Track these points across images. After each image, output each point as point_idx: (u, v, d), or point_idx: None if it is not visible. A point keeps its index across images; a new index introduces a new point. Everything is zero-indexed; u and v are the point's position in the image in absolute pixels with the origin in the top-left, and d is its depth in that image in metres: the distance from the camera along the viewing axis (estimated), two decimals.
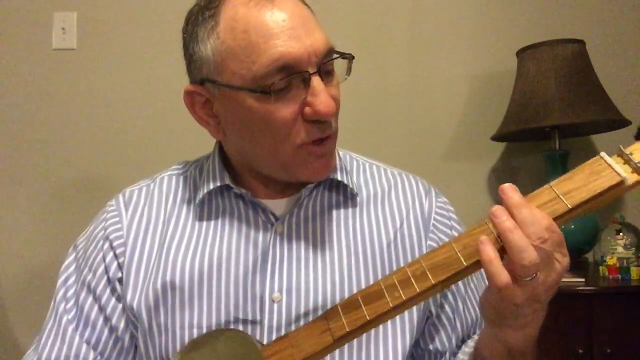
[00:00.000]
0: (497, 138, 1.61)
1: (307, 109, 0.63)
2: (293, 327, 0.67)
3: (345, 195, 0.76)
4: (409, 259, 0.73)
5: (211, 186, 0.72)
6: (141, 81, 1.72)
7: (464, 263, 0.54)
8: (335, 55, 0.67)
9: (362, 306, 0.56)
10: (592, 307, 1.28)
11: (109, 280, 0.71)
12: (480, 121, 1.72)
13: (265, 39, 0.61)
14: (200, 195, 0.73)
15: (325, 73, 0.65)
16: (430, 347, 0.76)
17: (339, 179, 0.74)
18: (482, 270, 0.54)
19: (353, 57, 0.68)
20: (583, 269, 1.47)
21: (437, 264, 0.55)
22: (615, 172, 0.53)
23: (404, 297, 0.55)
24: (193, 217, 0.73)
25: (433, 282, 0.54)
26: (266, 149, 0.67)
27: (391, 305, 0.55)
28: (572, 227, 1.40)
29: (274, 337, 0.66)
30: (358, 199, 0.76)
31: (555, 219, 0.54)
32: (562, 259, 0.54)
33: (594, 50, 1.53)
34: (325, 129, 0.66)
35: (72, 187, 1.71)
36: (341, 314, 0.57)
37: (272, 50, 0.61)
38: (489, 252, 0.52)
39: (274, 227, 0.71)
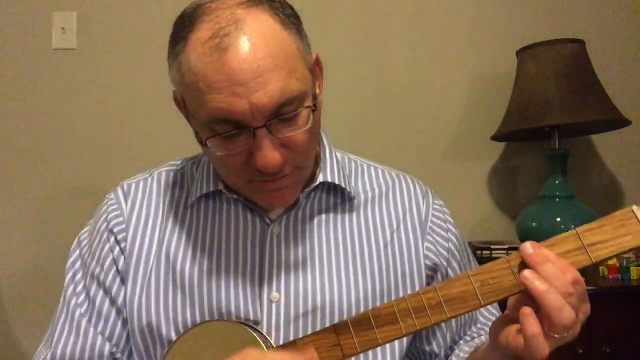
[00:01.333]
0: (497, 138, 1.61)
1: (252, 159, 0.61)
2: (292, 327, 0.67)
3: (342, 198, 0.76)
4: (406, 262, 0.73)
5: (204, 190, 0.73)
6: (141, 81, 1.72)
7: (482, 302, 0.55)
8: (296, 108, 0.61)
9: (375, 329, 0.57)
10: (592, 307, 1.28)
11: (118, 271, 0.72)
12: (480, 121, 1.72)
13: (209, 90, 0.58)
14: (194, 197, 0.73)
15: (284, 120, 0.61)
16: (427, 348, 0.76)
17: (337, 182, 0.74)
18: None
19: (315, 110, 0.63)
20: (583, 269, 1.47)
21: (454, 297, 0.55)
22: None
23: (417, 327, 0.56)
24: (191, 217, 0.74)
25: (448, 316, 0.55)
26: (224, 175, 0.69)
27: (404, 332, 0.56)
28: (572, 227, 1.39)
29: (273, 337, 0.67)
30: (356, 201, 0.76)
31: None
32: (586, 310, 0.55)
33: (594, 50, 1.53)
34: (275, 175, 0.63)
35: (71, 187, 1.71)
36: (352, 332, 0.57)
37: (213, 104, 0.58)
38: (534, 327, 0.51)
39: (271, 228, 0.71)
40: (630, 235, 0.53)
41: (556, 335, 0.52)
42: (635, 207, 0.54)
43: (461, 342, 0.78)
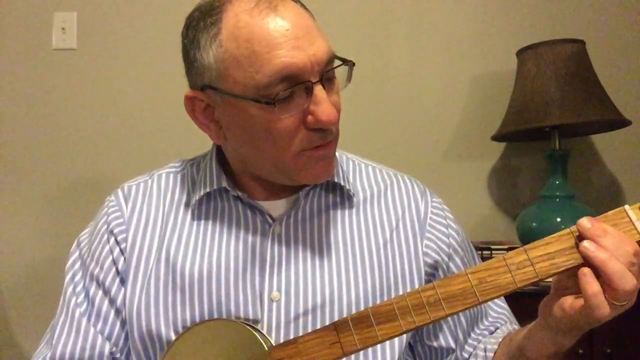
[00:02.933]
0: (497, 138, 1.62)
1: (310, 118, 0.63)
2: (292, 326, 0.68)
3: (342, 196, 0.76)
4: (405, 260, 0.74)
5: (208, 189, 0.73)
6: (141, 81, 1.72)
7: (479, 299, 0.56)
8: (337, 63, 0.66)
9: (374, 325, 0.58)
10: None
11: (117, 272, 0.72)
12: (480, 121, 1.72)
13: (268, 48, 0.60)
14: (197, 196, 0.73)
15: (327, 80, 0.65)
16: (435, 344, 0.77)
17: (336, 180, 0.75)
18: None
19: (354, 64, 0.67)
20: None
21: (452, 294, 0.56)
22: (636, 230, 0.54)
23: (416, 323, 0.57)
24: (191, 217, 0.74)
25: (446, 312, 0.56)
26: (267, 155, 0.67)
27: (403, 329, 0.57)
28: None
29: (273, 335, 0.67)
30: (355, 200, 0.76)
31: (570, 269, 0.55)
32: None
33: (594, 50, 1.53)
34: (326, 136, 0.66)
35: (72, 187, 1.72)
36: (352, 329, 0.58)
37: (276, 60, 0.60)
38: (594, 285, 0.53)
39: (272, 227, 0.72)
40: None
41: (616, 303, 0.52)
42: (627, 207, 0.55)
43: (480, 337, 0.78)
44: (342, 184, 0.75)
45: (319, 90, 0.62)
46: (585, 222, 0.55)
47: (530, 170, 1.73)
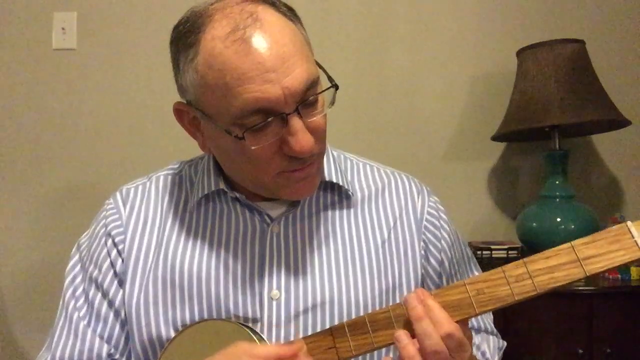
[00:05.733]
0: (497, 138, 1.62)
1: (285, 147, 0.62)
2: (292, 325, 0.68)
3: (340, 195, 0.77)
4: (402, 259, 0.74)
5: (206, 190, 0.73)
6: (141, 81, 1.72)
7: (476, 310, 0.56)
8: (316, 91, 0.63)
9: (370, 332, 0.58)
10: (592, 307, 1.28)
11: (115, 274, 0.72)
12: (480, 121, 1.72)
13: (239, 82, 0.58)
14: (196, 198, 0.74)
15: (307, 105, 0.62)
16: None
17: (334, 180, 0.75)
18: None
19: (337, 88, 0.65)
20: None
21: (449, 304, 0.56)
22: (638, 247, 0.53)
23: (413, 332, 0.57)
24: (190, 217, 0.74)
25: None
26: (246, 173, 0.68)
27: None
28: (572, 227, 1.40)
29: (273, 334, 0.67)
30: (353, 199, 0.76)
31: (569, 283, 0.55)
32: (462, 357, 0.57)
33: (594, 50, 1.53)
34: (305, 161, 0.65)
35: (71, 188, 1.72)
36: (348, 335, 0.58)
37: (246, 95, 0.58)
38: None
39: (270, 227, 0.72)
40: (623, 250, 0.54)
41: None
42: (629, 223, 0.54)
43: None
44: (341, 183, 0.75)
45: (293, 121, 0.61)
46: (411, 299, 0.56)
47: (530, 170, 1.73)
